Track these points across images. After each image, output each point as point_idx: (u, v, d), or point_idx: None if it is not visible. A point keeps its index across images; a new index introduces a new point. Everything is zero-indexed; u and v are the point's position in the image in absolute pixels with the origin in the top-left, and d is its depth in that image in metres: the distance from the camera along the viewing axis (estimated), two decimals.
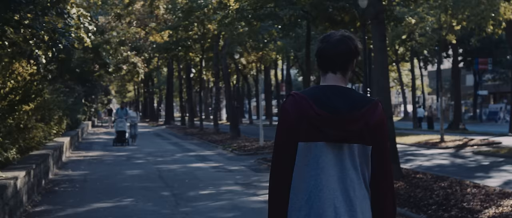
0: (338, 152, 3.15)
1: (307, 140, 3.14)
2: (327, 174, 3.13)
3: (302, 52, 36.89)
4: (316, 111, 3.11)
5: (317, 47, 3.31)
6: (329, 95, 3.17)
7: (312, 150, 3.14)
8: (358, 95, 3.24)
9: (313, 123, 3.12)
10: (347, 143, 3.16)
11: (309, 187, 3.14)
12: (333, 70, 3.25)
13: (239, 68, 61.11)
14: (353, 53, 3.26)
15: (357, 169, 3.18)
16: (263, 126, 28.10)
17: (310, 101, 3.13)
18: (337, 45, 3.22)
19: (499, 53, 62.51)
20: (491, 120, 62.63)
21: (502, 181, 15.15)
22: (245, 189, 14.36)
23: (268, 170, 18.36)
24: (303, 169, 3.16)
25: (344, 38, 3.25)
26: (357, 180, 3.17)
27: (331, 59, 3.23)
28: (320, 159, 3.13)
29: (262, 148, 25.63)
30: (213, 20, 26.30)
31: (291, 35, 24.16)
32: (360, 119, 3.13)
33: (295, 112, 3.16)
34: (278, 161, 3.23)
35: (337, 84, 3.24)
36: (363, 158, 3.20)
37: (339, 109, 3.12)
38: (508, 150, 22.94)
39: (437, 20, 27.55)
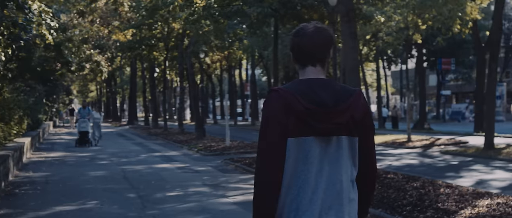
0: (327, 145, 3.11)
1: (296, 135, 3.06)
2: (316, 168, 3.09)
3: (268, 51, 36.60)
4: (304, 105, 3.03)
5: (293, 41, 3.23)
6: (314, 89, 3.11)
7: (301, 145, 3.07)
8: (340, 86, 3.18)
9: (301, 117, 3.04)
10: (335, 136, 3.11)
11: (299, 182, 3.09)
12: (312, 63, 3.20)
13: (204, 67, 60.64)
14: (330, 43, 3.22)
15: (345, 161, 3.15)
16: (229, 126, 27.70)
17: (297, 95, 3.05)
18: (314, 37, 3.16)
19: (462, 54, 63.13)
20: (454, 120, 63.20)
21: (474, 181, 15.01)
22: (213, 190, 13.96)
23: (236, 170, 18.25)
24: (292, 164, 3.08)
25: (319, 29, 3.20)
26: (345, 174, 3.15)
27: (310, 52, 3.18)
28: (309, 154, 3.08)
29: (229, 148, 25.26)
30: (178, 18, 25.80)
31: (259, 33, 23.78)
32: (346, 110, 3.09)
33: (282, 107, 3.05)
34: (267, 159, 3.08)
35: (319, 77, 3.18)
36: (351, 150, 3.17)
37: (325, 101, 3.07)
38: (476, 149, 22.92)
39: (404, 19, 27.50)
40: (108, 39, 47.76)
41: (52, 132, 47.60)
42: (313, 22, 3.27)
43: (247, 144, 27.23)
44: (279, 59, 40.08)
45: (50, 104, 48.21)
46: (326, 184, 3.10)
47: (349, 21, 14.82)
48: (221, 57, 51.61)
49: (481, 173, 16.82)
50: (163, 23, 37.22)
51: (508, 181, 15.03)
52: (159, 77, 57.07)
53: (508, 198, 11.48)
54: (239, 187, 14.63)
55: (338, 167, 3.13)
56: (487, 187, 13.66)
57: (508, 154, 21.06)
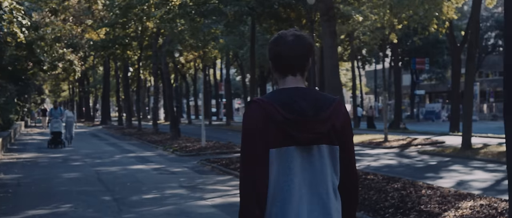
0: (308, 154, 3.08)
1: (278, 146, 3.03)
2: (299, 178, 3.06)
3: (244, 50, 36.32)
4: (284, 115, 3.00)
5: (272, 51, 3.19)
6: (294, 98, 3.07)
7: (283, 156, 3.04)
8: (320, 95, 3.16)
9: (282, 127, 3.01)
10: (316, 145, 3.09)
11: (282, 193, 3.04)
12: (292, 72, 3.17)
13: (178, 67, 60.21)
14: (310, 52, 3.20)
15: (327, 171, 3.12)
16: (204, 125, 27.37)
17: (276, 106, 3.02)
18: (294, 46, 3.13)
19: (436, 53, 63.41)
20: (428, 119, 63.45)
21: (454, 182, 14.88)
22: (190, 192, 13.66)
23: (213, 171, 17.95)
24: (275, 175, 3.04)
25: (298, 37, 3.16)
26: (328, 182, 3.12)
27: (290, 62, 3.14)
28: (292, 164, 3.05)
29: (204, 148, 24.95)
30: (153, 17, 25.41)
31: (236, 32, 23.49)
32: (327, 119, 3.07)
33: (262, 118, 3.02)
34: (250, 172, 3.02)
35: (299, 86, 3.16)
36: (332, 159, 3.14)
37: (305, 111, 3.04)
38: (453, 149, 22.88)
39: (381, 18, 27.41)
40: (81, 38, 47.15)
41: (23, 132, 46.83)
42: (291, 29, 3.23)
43: (223, 144, 26.94)
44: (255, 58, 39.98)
45: (21, 104, 47.42)
46: (311, 195, 3.08)
47: (329, 20, 14.61)
48: (195, 57, 51.20)
49: (461, 174, 16.72)
50: (137, 22, 36.76)
51: (488, 182, 14.92)
52: (132, 76, 56.52)
53: (491, 200, 11.37)
54: (216, 189, 14.34)
55: (321, 177, 3.11)
56: (468, 188, 13.53)
57: (485, 154, 21.03)
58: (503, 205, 10.81)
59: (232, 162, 18.98)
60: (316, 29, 20.01)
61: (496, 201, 11.21)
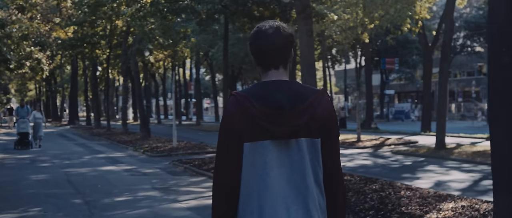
0: (286, 148, 3.02)
1: (253, 140, 3.00)
2: (276, 172, 3.00)
3: (215, 49, 35.91)
4: (258, 109, 2.97)
5: (253, 45, 3.13)
6: (271, 91, 3.02)
7: (258, 150, 3.00)
8: (302, 87, 3.09)
9: (257, 121, 2.98)
10: (294, 138, 3.02)
11: (258, 188, 2.99)
12: (275, 66, 3.11)
13: (147, 66, 59.59)
14: (291, 43, 3.13)
15: (307, 165, 3.04)
16: (170, 125, 26.90)
17: (252, 99, 2.99)
18: (275, 39, 3.07)
19: (405, 53, 63.66)
20: (398, 119, 63.75)
21: (432, 182, 14.70)
22: (164, 194, 13.27)
23: (185, 172, 17.56)
24: (250, 170, 3.01)
25: (278, 30, 3.09)
26: (308, 177, 3.03)
27: (272, 55, 3.08)
28: (268, 158, 3.00)
29: (176, 148, 24.52)
30: (123, 15, 24.90)
31: (209, 30, 23.10)
32: (304, 111, 2.99)
33: (238, 112, 3.01)
34: (223, 165, 3.05)
35: (280, 79, 3.09)
36: (312, 152, 3.05)
37: (282, 104, 2.98)
38: (427, 149, 22.79)
39: (355, 18, 27.22)
40: (48, 36, 46.29)
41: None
42: (269, 21, 3.17)
43: (194, 144, 26.55)
44: (221, 59, 39.56)
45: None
46: (289, 189, 3.01)
47: (305, 18, 14.38)
48: (165, 56, 50.64)
49: (437, 174, 16.56)
50: (106, 20, 36.16)
51: (466, 182, 14.77)
52: (101, 76, 55.78)
53: (472, 201, 11.19)
54: (190, 190, 13.97)
55: (301, 171, 3.03)
56: (447, 189, 13.36)
57: (460, 153, 20.97)
58: (485, 206, 10.63)
59: (205, 163, 18.62)
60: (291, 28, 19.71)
61: (477, 202, 11.02)
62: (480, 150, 21.82)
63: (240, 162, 3.02)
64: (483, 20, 59.03)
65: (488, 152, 20.82)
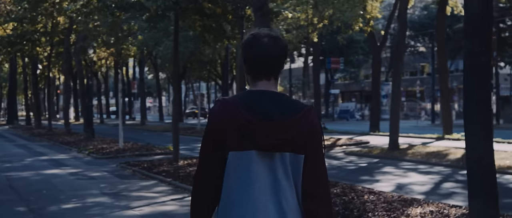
0: (270, 160, 2.95)
1: (237, 149, 2.93)
2: (258, 184, 2.93)
3: (162, 47, 35.04)
4: (247, 118, 2.90)
5: (247, 53, 3.04)
6: (261, 101, 2.96)
7: (242, 160, 2.94)
8: (290, 101, 3.04)
9: (243, 130, 2.91)
10: (279, 152, 2.95)
11: (240, 198, 2.94)
12: (267, 76, 3.03)
13: (89, 64, 58.19)
14: (286, 55, 3.07)
15: (289, 179, 2.97)
16: (116, 125, 25.94)
17: (240, 107, 2.93)
18: (271, 49, 2.99)
19: (350, 53, 63.91)
20: (343, 118, 63.94)
21: (392, 185, 14.32)
22: (115, 200, 12.50)
23: (135, 175, 16.77)
24: (233, 180, 2.95)
25: (274, 40, 3.02)
26: (289, 190, 2.97)
27: (266, 65, 3.01)
28: (251, 169, 2.94)
29: (123, 150, 23.64)
30: (68, 11, 23.86)
31: (159, 27, 22.30)
32: (293, 126, 2.93)
33: (224, 119, 2.94)
34: (204, 173, 3.01)
35: (270, 90, 3.02)
36: (295, 167, 2.98)
37: (271, 115, 2.92)
38: (381, 150, 22.51)
39: (306, 16, 26.91)
40: None
41: None
42: (264, 29, 3.08)
43: (141, 145, 25.72)
44: (167, 57, 38.73)
45: None
46: (271, 203, 2.94)
47: (263, 16, 13.88)
48: (109, 54, 49.42)
49: (396, 176, 16.23)
50: (47, 17, 34.92)
51: (427, 185, 14.43)
52: (41, 74, 54.16)
53: (439, 205, 10.86)
54: (142, 196, 13.24)
55: (282, 185, 2.96)
56: (410, 192, 13.00)
57: (414, 154, 20.77)
58: (454, 211, 10.28)
59: (154, 165, 17.92)
60: (246, 27, 19.09)
61: (445, 207, 10.69)
62: (433, 150, 21.69)
63: (222, 171, 2.96)
64: (427, 20, 59.63)
65: (442, 153, 20.81)
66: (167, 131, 41.44)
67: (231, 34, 20.89)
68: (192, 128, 41.38)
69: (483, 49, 8.49)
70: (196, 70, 59.27)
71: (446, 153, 20.66)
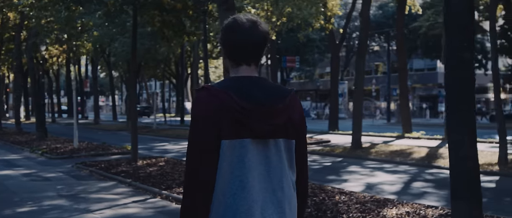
0: (264, 148, 2.86)
1: (231, 137, 2.79)
2: (253, 173, 2.83)
3: (117, 44, 34.17)
4: (240, 104, 2.77)
5: (226, 37, 2.93)
6: (248, 87, 2.85)
7: (236, 148, 2.81)
8: (274, 85, 2.95)
9: (236, 117, 2.78)
10: (273, 138, 2.87)
11: (233, 189, 2.80)
12: (247, 62, 2.93)
13: (41, 62, 56.77)
14: (267, 40, 2.96)
15: (284, 166, 2.91)
16: (68, 124, 25.08)
17: (231, 93, 2.79)
18: (252, 34, 2.90)
19: (306, 52, 63.82)
20: None
21: (362, 185, 13.95)
22: (73, 203, 11.83)
23: (92, 176, 16.08)
24: (227, 169, 2.81)
25: (255, 25, 2.92)
26: (285, 178, 2.90)
27: (247, 50, 2.92)
28: (246, 158, 2.81)
29: (78, 150, 22.85)
30: (20, 6, 22.92)
31: (117, 23, 21.57)
32: (284, 111, 2.86)
33: (214, 107, 2.78)
34: (199, 166, 2.81)
35: (252, 75, 2.93)
36: (288, 153, 2.94)
37: (261, 100, 2.81)
38: (343, 149, 22.22)
39: (266, 14, 26.50)
40: None
41: None
42: (246, 14, 2.97)
43: (97, 145, 24.95)
44: (122, 54, 37.84)
45: None
46: (265, 191, 2.85)
47: (228, 10, 13.36)
48: (60, 52, 48.22)
49: (363, 176, 15.87)
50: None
51: (397, 185, 14.11)
52: None
53: (414, 206, 10.50)
54: (102, 198, 12.60)
55: (278, 173, 2.88)
56: (381, 192, 12.66)
57: (377, 153, 20.54)
58: (431, 212, 9.96)
59: (112, 165, 17.27)
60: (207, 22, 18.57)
61: (420, 207, 10.36)
62: (396, 149, 21.52)
63: (216, 160, 2.80)
64: (383, 20, 59.94)
65: (406, 151, 20.64)
66: (122, 130, 40.71)
67: (191, 30, 20.30)
68: (148, 127, 40.66)
69: (466, 45, 8.13)
70: (150, 69, 58.39)
71: (410, 152, 20.48)
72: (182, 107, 52.39)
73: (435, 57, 57.86)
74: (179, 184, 13.46)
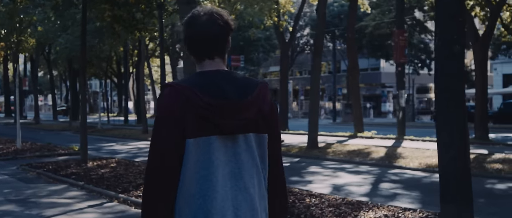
0: (233, 144, 2.76)
1: (196, 136, 2.69)
2: (222, 171, 2.73)
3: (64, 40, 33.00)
4: (205, 100, 2.67)
5: (185, 32, 2.85)
6: (214, 81, 2.74)
7: (202, 147, 2.70)
8: (243, 78, 2.82)
9: (202, 114, 2.68)
10: (242, 133, 2.76)
11: (203, 189, 2.70)
12: (209, 56, 2.82)
13: None
14: (227, 31, 2.84)
15: (255, 162, 2.81)
16: (7, 124, 23.91)
17: (195, 90, 2.69)
18: (208, 27, 2.78)
19: (251, 51, 63.52)
20: None
21: (327, 186, 13.47)
22: (24, 208, 10.97)
23: (40, 179, 15.14)
24: (193, 169, 2.70)
25: (213, 16, 2.80)
26: (256, 174, 2.81)
27: (206, 43, 2.80)
28: (214, 156, 2.71)
29: (22, 151, 21.76)
30: None
31: (67, 17, 20.60)
32: (253, 104, 2.75)
33: (178, 104, 2.69)
34: (161, 167, 2.70)
35: (219, 69, 2.82)
36: (260, 148, 2.83)
37: (229, 95, 2.71)
38: (299, 148, 21.75)
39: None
40: None
41: None
42: (207, 6, 2.87)
43: (41, 145, 23.86)
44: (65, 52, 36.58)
45: None
46: (237, 189, 2.75)
47: (189, 3, 12.74)
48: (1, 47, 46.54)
49: (327, 176, 15.39)
50: None
51: (364, 186, 13.64)
52: None
53: (390, 209, 10.06)
54: (55, 202, 11.78)
55: (248, 169, 2.79)
56: (350, 194, 12.18)
57: (335, 153, 20.15)
58: (409, 215, 9.50)
59: (61, 167, 16.39)
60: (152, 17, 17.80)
61: (397, 210, 9.89)
62: (354, 149, 21.20)
63: (179, 161, 2.72)
64: (328, 18, 59.77)
65: (364, 151, 20.34)
66: (65, 130, 39.51)
67: (143, 26, 19.50)
68: (93, 126, 39.41)
69: (457, 37, 7.70)
70: (92, 67, 57.00)
71: (368, 152, 20.15)
72: (125, 107, 51.30)
73: (381, 57, 58.18)
74: (136, 187, 12.76)
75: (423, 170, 16.12)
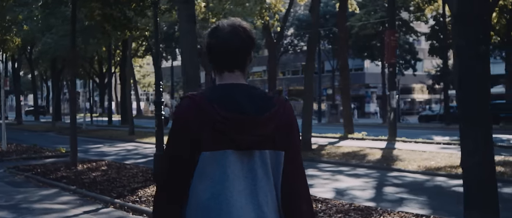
0: (249, 160, 2.69)
1: (212, 149, 2.64)
2: (237, 187, 2.66)
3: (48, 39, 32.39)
4: (222, 114, 2.63)
5: (207, 42, 2.80)
6: (233, 95, 2.69)
7: (218, 161, 2.65)
8: (262, 93, 2.76)
9: (219, 128, 2.63)
10: (258, 150, 2.69)
11: (217, 204, 2.64)
12: (229, 68, 2.77)
13: None
14: (250, 46, 2.79)
15: (269, 179, 2.72)
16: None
17: (213, 103, 2.65)
18: (229, 40, 2.74)
19: None
20: None
21: (330, 190, 13.09)
22: (17, 215, 10.48)
23: (29, 182, 14.63)
24: (206, 184, 2.65)
25: (236, 30, 2.76)
26: (270, 192, 2.72)
27: (224, 57, 2.76)
28: (229, 170, 2.65)
29: (7, 153, 21.24)
30: None
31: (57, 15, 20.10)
32: (271, 120, 2.68)
33: (195, 117, 2.66)
34: (173, 178, 2.72)
35: (238, 82, 2.76)
36: (275, 166, 2.73)
37: (247, 109, 2.65)
38: None
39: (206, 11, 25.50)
40: None
41: None
42: (232, 19, 2.83)
43: (27, 147, 23.35)
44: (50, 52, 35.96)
45: None
46: (252, 206, 2.66)
47: (186, 2, 12.40)
48: None
49: (327, 180, 14.99)
50: None
51: (368, 190, 13.28)
52: None
53: (400, 214, 9.74)
54: (48, 208, 11.30)
55: (263, 186, 2.69)
56: (354, 199, 11.83)
57: (329, 155, 19.84)
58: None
59: (50, 170, 15.94)
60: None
61: (409, 216, 9.55)
62: (348, 150, 20.92)
63: (191, 175, 2.68)
64: None
65: (359, 153, 20.03)
66: (48, 130, 38.91)
67: (134, 25, 19.02)
68: (77, 127, 38.74)
69: (482, 37, 7.33)
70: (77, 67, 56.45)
71: (363, 154, 19.85)
72: (109, 108, 50.81)
73: (367, 57, 58.08)
74: (131, 192, 12.33)
75: (423, 173, 15.83)
